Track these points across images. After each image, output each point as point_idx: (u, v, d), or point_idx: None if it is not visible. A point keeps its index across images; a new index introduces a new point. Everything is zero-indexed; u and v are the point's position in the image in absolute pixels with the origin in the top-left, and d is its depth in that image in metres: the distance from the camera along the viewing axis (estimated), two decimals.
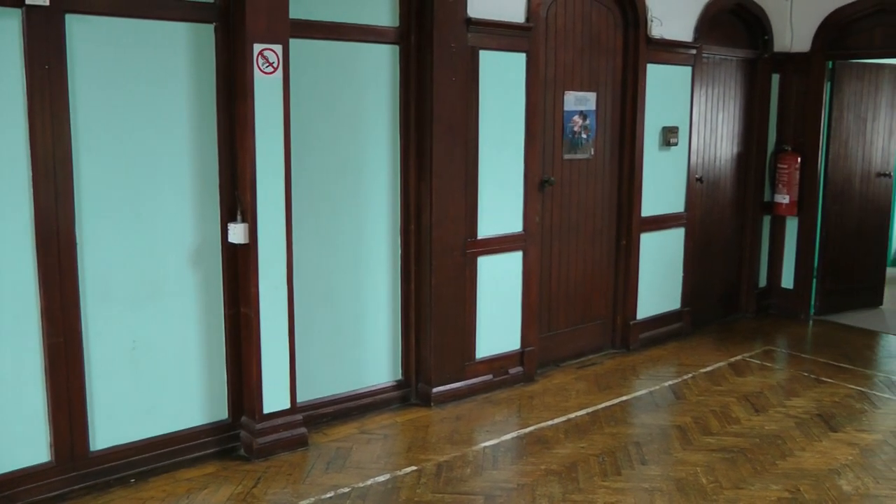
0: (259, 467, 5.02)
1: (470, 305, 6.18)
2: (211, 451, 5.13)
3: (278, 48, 4.90)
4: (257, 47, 4.81)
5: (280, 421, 5.22)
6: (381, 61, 5.68)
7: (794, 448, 5.50)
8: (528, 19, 6.24)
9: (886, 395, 6.61)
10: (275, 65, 4.89)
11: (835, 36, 8.48)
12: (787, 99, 8.74)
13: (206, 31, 4.86)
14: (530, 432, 5.65)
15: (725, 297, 8.72)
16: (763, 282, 9.01)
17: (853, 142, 8.89)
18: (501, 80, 6.15)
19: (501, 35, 6.09)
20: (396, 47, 5.74)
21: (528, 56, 6.26)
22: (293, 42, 5.08)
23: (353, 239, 5.69)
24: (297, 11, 5.11)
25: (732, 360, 7.35)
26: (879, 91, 9.06)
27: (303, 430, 5.32)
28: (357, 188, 5.66)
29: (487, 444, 5.44)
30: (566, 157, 6.75)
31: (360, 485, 4.84)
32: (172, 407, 5.00)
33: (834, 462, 5.31)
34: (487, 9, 5.99)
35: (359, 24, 5.52)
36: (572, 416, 5.94)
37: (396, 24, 5.71)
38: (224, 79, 4.93)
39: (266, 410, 5.16)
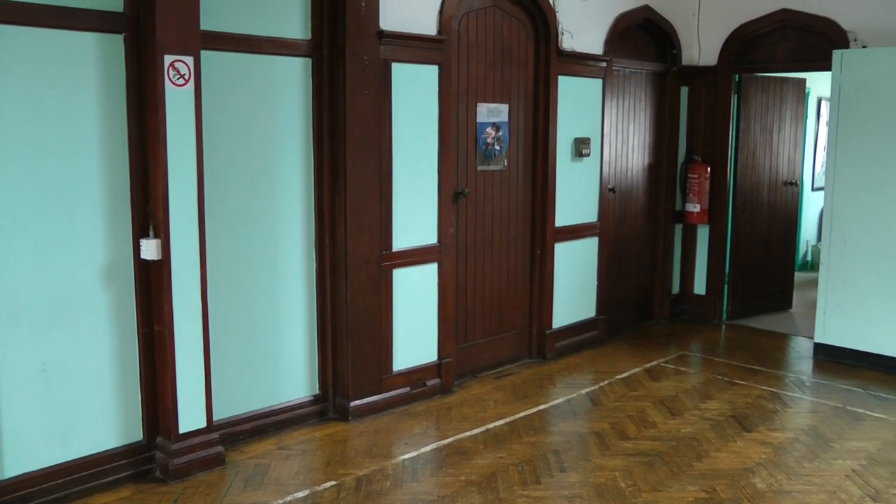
0: (175, 489, 4.91)
1: (386, 318, 6.16)
2: (126, 473, 5.00)
3: (189, 60, 4.83)
4: (168, 59, 4.74)
5: (196, 440, 5.12)
6: (293, 74, 5.65)
7: (709, 449, 5.61)
8: (440, 32, 6.27)
9: (797, 395, 6.79)
10: (186, 77, 4.82)
11: (740, 50, 8.73)
12: (695, 111, 8.96)
13: (116, 42, 4.75)
14: (449, 443, 5.65)
15: (640, 305, 8.88)
16: (676, 288, 9.20)
17: (760, 152, 9.14)
18: (414, 93, 6.16)
19: (414, 48, 6.10)
20: (309, 60, 5.71)
21: (440, 68, 6.28)
22: (205, 54, 5.01)
23: (267, 253, 5.63)
24: (208, 23, 5.05)
25: (648, 365, 7.47)
26: (784, 103, 9.33)
27: (220, 448, 5.23)
28: (271, 202, 5.60)
29: (406, 456, 5.42)
30: (480, 168, 6.79)
31: (279, 501, 4.77)
32: (85, 430, 4.86)
33: (748, 461, 5.44)
34: (399, 22, 6.01)
35: (271, 36, 5.48)
36: (491, 426, 5.96)
37: (308, 36, 5.68)
38: (134, 91, 4.83)
39: (182, 430, 5.05)
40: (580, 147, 7.55)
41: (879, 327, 7.38)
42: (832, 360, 7.65)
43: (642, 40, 8.43)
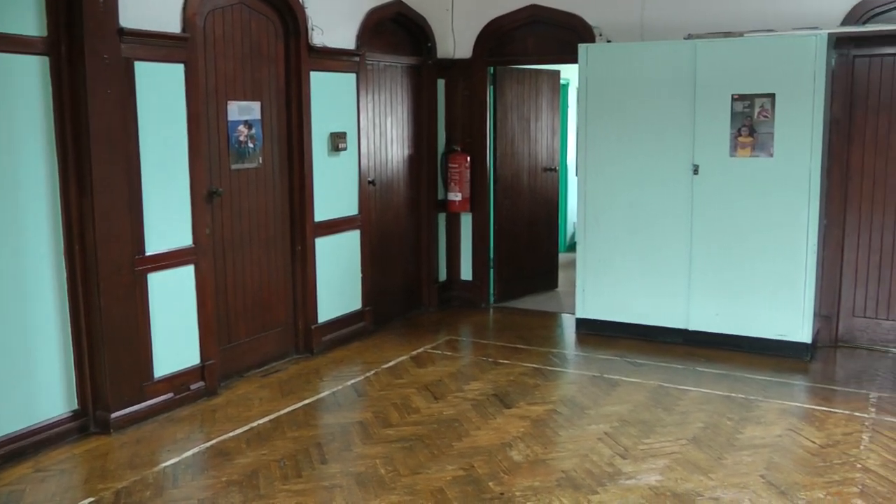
0: None
1: (143, 324, 5.99)
2: None
3: None
4: None
5: None
6: (31, 74, 5.35)
7: (469, 429, 5.80)
8: (184, 29, 6.14)
9: (559, 369, 7.15)
10: None
11: (494, 44, 9.04)
12: (453, 102, 9.21)
13: None
14: (212, 446, 5.57)
15: (407, 293, 9.04)
16: (443, 276, 9.44)
17: (519, 140, 9.51)
18: (160, 92, 6.01)
19: (157, 45, 5.95)
20: (47, 58, 5.43)
21: (186, 67, 6.15)
22: None
23: (12, 265, 5.31)
24: None
25: (414, 353, 7.62)
26: (540, 94, 9.75)
27: None
28: (13, 211, 5.29)
29: (168, 463, 5.31)
30: (234, 167, 6.71)
31: None
32: None
33: (506, 436, 5.66)
34: (141, 19, 5.83)
35: (2, 32, 5.16)
36: (254, 424, 5.92)
37: (45, 33, 5.40)
38: None
39: None
40: (336, 141, 7.59)
41: (633, 299, 7.88)
42: (593, 332, 8.08)
43: (396, 34, 8.58)
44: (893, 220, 7.39)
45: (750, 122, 7.18)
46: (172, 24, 6.09)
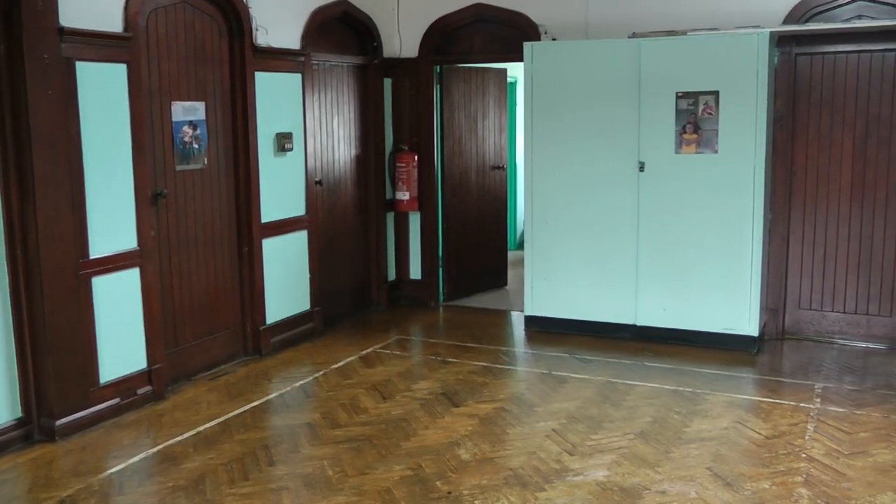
0: None
1: (88, 329, 5.90)
2: None
3: None
4: None
5: None
6: None
7: (417, 428, 5.80)
8: (126, 29, 6.05)
9: (507, 367, 7.18)
10: None
11: (440, 43, 9.04)
12: (400, 102, 9.20)
13: None
14: (158, 451, 5.51)
15: (357, 293, 9.01)
16: (392, 275, 9.42)
17: (466, 139, 9.52)
18: (103, 93, 5.92)
19: (99, 45, 5.86)
20: None
21: (129, 67, 6.07)
22: None
23: None
24: None
25: (364, 353, 7.60)
26: (487, 92, 9.77)
27: None
28: None
29: (114, 470, 5.24)
30: (179, 168, 6.63)
31: None
32: None
33: (454, 434, 5.67)
34: (82, 18, 5.74)
35: None
36: (202, 428, 5.87)
37: None
38: None
39: None
40: (282, 142, 7.54)
41: (581, 295, 7.92)
42: (542, 330, 8.11)
43: (342, 34, 8.55)
44: (837, 215, 7.53)
45: (694, 119, 7.27)
46: (114, 24, 6.01)
